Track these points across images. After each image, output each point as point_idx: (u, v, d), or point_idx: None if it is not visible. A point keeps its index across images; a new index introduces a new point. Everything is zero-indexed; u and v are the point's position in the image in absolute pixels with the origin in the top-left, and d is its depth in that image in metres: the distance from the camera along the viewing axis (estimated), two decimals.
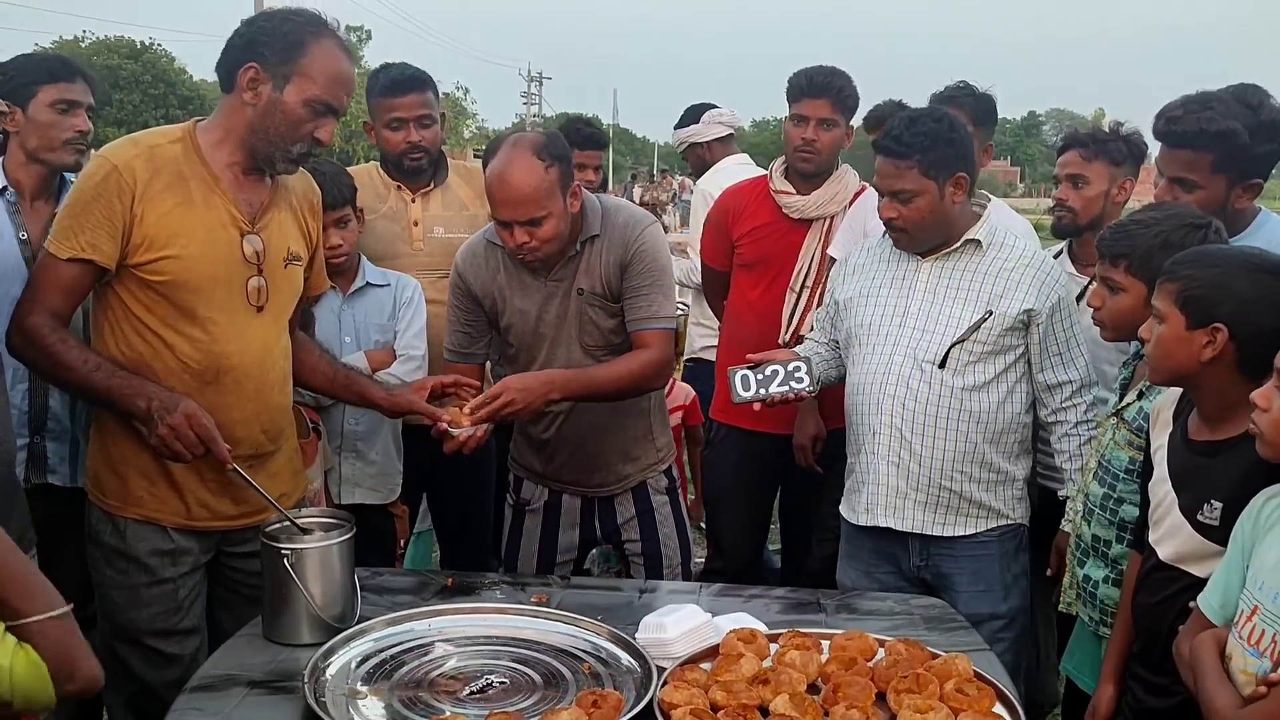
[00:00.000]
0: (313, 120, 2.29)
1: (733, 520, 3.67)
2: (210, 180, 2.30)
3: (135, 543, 2.34)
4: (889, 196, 2.60)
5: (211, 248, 2.28)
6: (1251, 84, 2.51)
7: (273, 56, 2.26)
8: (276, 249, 2.39)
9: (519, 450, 2.91)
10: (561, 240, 2.59)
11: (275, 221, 2.40)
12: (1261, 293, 1.91)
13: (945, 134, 2.56)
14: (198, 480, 2.35)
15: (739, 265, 3.59)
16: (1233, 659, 1.73)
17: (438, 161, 3.34)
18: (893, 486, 2.66)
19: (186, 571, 2.38)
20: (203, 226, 2.28)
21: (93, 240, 2.21)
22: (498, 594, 2.38)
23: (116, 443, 2.34)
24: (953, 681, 1.86)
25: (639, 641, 2.04)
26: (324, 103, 2.29)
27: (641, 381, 2.68)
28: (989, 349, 2.61)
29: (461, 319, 2.78)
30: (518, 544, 2.89)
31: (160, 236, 2.24)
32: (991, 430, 2.62)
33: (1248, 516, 1.80)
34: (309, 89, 2.27)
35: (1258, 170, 2.45)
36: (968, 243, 2.65)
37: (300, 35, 2.27)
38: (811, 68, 3.42)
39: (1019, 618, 2.72)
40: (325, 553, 2.13)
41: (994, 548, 2.68)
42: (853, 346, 2.76)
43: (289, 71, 2.26)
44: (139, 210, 2.22)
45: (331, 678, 1.95)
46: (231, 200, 2.32)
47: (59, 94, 2.75)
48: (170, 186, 2.25)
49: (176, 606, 2.37)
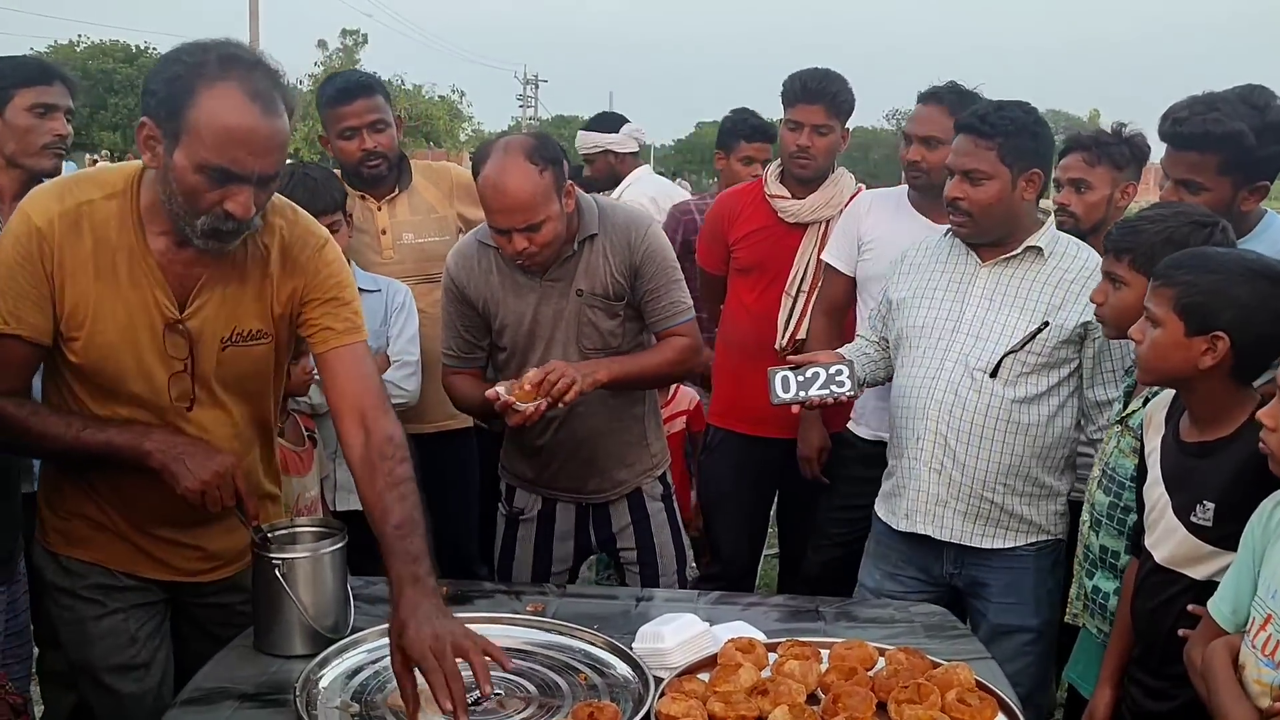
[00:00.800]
0: (212, 189, 1.84)
1: (730, 526, 3.66)
2: (140, 253, 1.95)
3: (78, 579, 2.14)
4: (960, 175, 2.56)
5: (131, 334, 1.97)
6: (1258, 85, 2.49)
7: (160, 109, 1.84)
8: (212, 334, 2.03)
9: (510, 459, 2.88)
10: (560, 242, 2.56)
11: (216, 300, 2.02)
12: (1260, 300, 1.90)
13: (1031, 126, 2.54)
14: (149, 540, 2.15)
15: (735, 269, 3.57)
16: (1246, 669, 1.72)
17: (400, 165, 3.31)
18: (933, 494, 2.62)
19: (139, 604, 2.18)
20: (124, 310, 1.96)
21: (16, 312, 1.91)
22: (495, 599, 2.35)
23: (59, 491, 2.15)
24: (954, 691, 1.84)
25: (636, 652, 2.01)
26: (216, 167, 1.82)
27: (680, 366, 2.72)
28: (1043, 361, 2.56)
29: (460, 324, 2.73)
30: (512, 553, 2.86)
31: (76, 315, 1.94)
32: (1039, 445, 2.58)
33: (1258, 521, 1.78)
34: (197, 151, 1.81)
35: (1264, 172, 2.43)
36: (1029, 250, 2.61)
37: (190, 81, 1.81)
38: (806, 71, 3.41)
39: (1048, 632, 2.67)
40: (317, 562, 2.10)
41: (1030, 562, 2.63)
42: (903, 348, 2.72)
43: (176, 128, 1.82)
44: (58, 280, 1.92)
45: (324, 690, 1.92)
46: (159, 281, 1.97)
47: (36, 97, 2.72)
48: (94, 254, 1.93)
49: (130, 639, 2.17)
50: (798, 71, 3.42)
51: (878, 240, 3.12)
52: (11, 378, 1.98)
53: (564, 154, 2.57)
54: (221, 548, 2.21)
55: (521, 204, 2.45)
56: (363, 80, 3.21)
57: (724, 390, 3.63)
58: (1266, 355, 1.93)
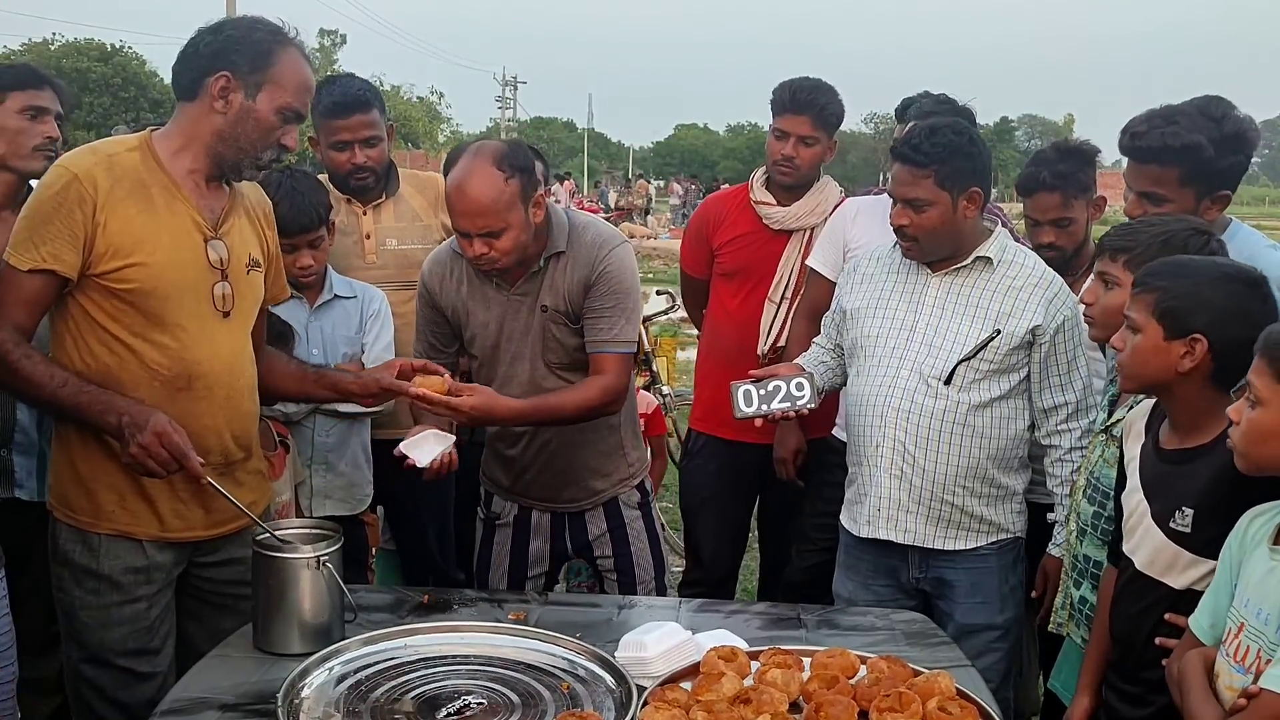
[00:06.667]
0: (281, 127, 2.32)
1: (711, 531, 3.66)
2: (172, 187, 2.28)
3: (108, 560, 2.28)
4: (903, 204, 2.61)
5: (177, 254, 2.26)
6: (1215, 96, 2.52)
7: (244, 65, 2.27)
8: (239, 255, 2.38)
9: (488, 465, 2.88)
10: (522, 252, 2.55)
11: (236, 228, 2.39)
12: (1236, 303, 1.94)
13: (965, 147, 2.58)
14: (169, 492, 2.30)
15: (719, 274, 3.58)
16: (1220, 676, 1.74)
17: (388, 172, 3.29)
18: (894, 499, 2.66)
19: (159, 589, 2.33)
20: (167, 232, 2.26)
21: (54, 251, 2.17)
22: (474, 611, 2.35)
23: (83, 457, 2.28)
24: (935, 700, 1.85)
25: (619, 660, 2.02)
26: (294, 110, 2.33)
27: (598, 409, 2.65)
28: (995, 367, 2.61)
29: (428, 330, 2.76)
30: (489, 558, 2.87)
31: (125, 244, 2.21)
32: (995, 447, 2.63)
33: (1235, 536, 1.81)
34: (281, 97, 2.30)
35: (1225, 182, 2.46)
36: (978, 259, 2.65)
37: (269, 45, 2.31)
38: (796, 81, 3.41)
39: (1014, 628, 2.73)
40: (317, 562, 2.11)
41: (993, 560, 2.68)
42: (857, 357, 2.76)
43: (260, 80, 2.28)
44: (102, 218, 2.19)
45: (306, 700, 1.92)
46: (194, 206, 2.30)
47: (27, 100, 2.73)
48: (132, 194, 2.23)
49: (149, 626, 2.32)
50: (788, 81, 3.42)
51: (863, 247, 3.13)
52: (28, 314, 2.21)
53: (542, 156, 2.57)
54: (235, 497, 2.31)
55: (483, 208, 2.45)
56: (361, 94, 3.16)
57: (705, 395, 3.64)
58: (1244, 360, 1.96)
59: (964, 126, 2.66)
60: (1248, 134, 2.44)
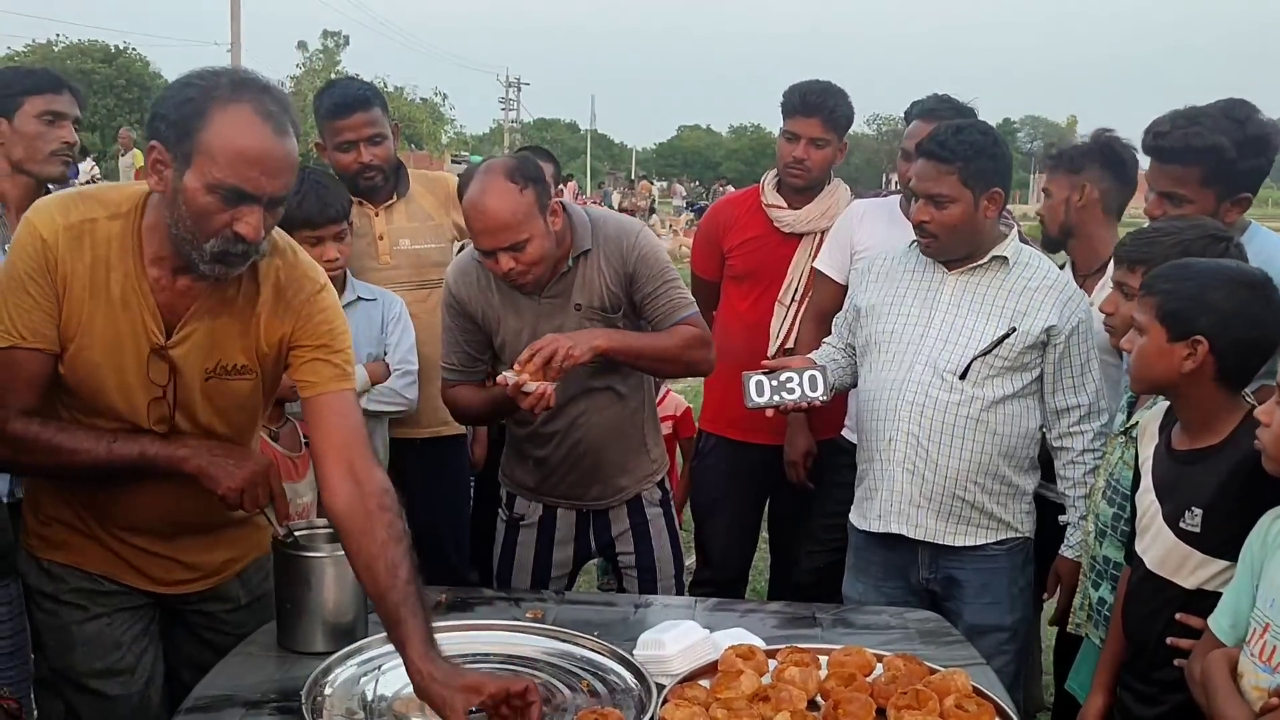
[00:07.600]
0: (223, 210, 1.83)
1: (722, 531, 3.67)
2: (134, 276, 1.95)
3: (60, 584, 2.14)
4: (925, 199, 2.63)
5: (116, 356, 1.97)
6: (1239, 99, 2.53)
7: (170, 132, 1.83)
8: (196, 364, 2.02)
9: (510, 467, 2.89)
10: (550, 260, 2.57)
11: (203, 331, 2.01)
12: (1238, 305, 1.96)
13: (989, 148, 2.61)
14: (126, 548, 2.15)
15: (729, 277, 3.59)
16: (1244, 676, 1.76)
17: (398, 172, 3.31)
18: (906, 494, 2.67)
19: (123, 608, 2.17)
20: (112, 330, 1.96)
21: (31, 325, 1.92)
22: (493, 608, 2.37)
23: (40, 496, 2.16)
24: (952, 697, 1.87)
25: (637, 658, 2.04)
26: (229, 187, 1.81)
27: (688, 352, 2.64)
28: (1009, 365, 2.63)
29: (461, 339, 2.74)
30: (511, 559, 2.88)
31: (68, 328, 1.94)
32: (1007, 444, 2.65)
33: (1256, 536, 1.82)
34: (209, 170, 1.80)
35: (1246, 184, 2.48)
36: (994, 259, 2.68)
37: (202, 103, 1.81)
38: (805, 84, 3.43)
39: (1022, 629, 2.75)
40: (340, 562, 2.09)
41: (1003, 560, 2.70)
42: (870, 353, 2.77)
43: (189, 149, 1.81)
44: (59, 292, 1.92)
45: (330, 697, 1.94)
46: (150, 306, 1.96)
47: (46, 105, 2.74)
48: (91, 271, 1.93)
49: (115, 643, 2.16)
50: (798, 83, 3.44)
51: (871, 249, 3.15)
52: (32, 393, 1.96)
53: (553, 158, 2.57)
54: (198, 560, 2.22)
55: (503, 223, 2.46)
56: (360, 93, 3.19)
57: (715, 396, 3.65)
58: (1250, 360, 1.98)
59: (988, 127, 2.69)
60: (1271, 137, 2.45)
